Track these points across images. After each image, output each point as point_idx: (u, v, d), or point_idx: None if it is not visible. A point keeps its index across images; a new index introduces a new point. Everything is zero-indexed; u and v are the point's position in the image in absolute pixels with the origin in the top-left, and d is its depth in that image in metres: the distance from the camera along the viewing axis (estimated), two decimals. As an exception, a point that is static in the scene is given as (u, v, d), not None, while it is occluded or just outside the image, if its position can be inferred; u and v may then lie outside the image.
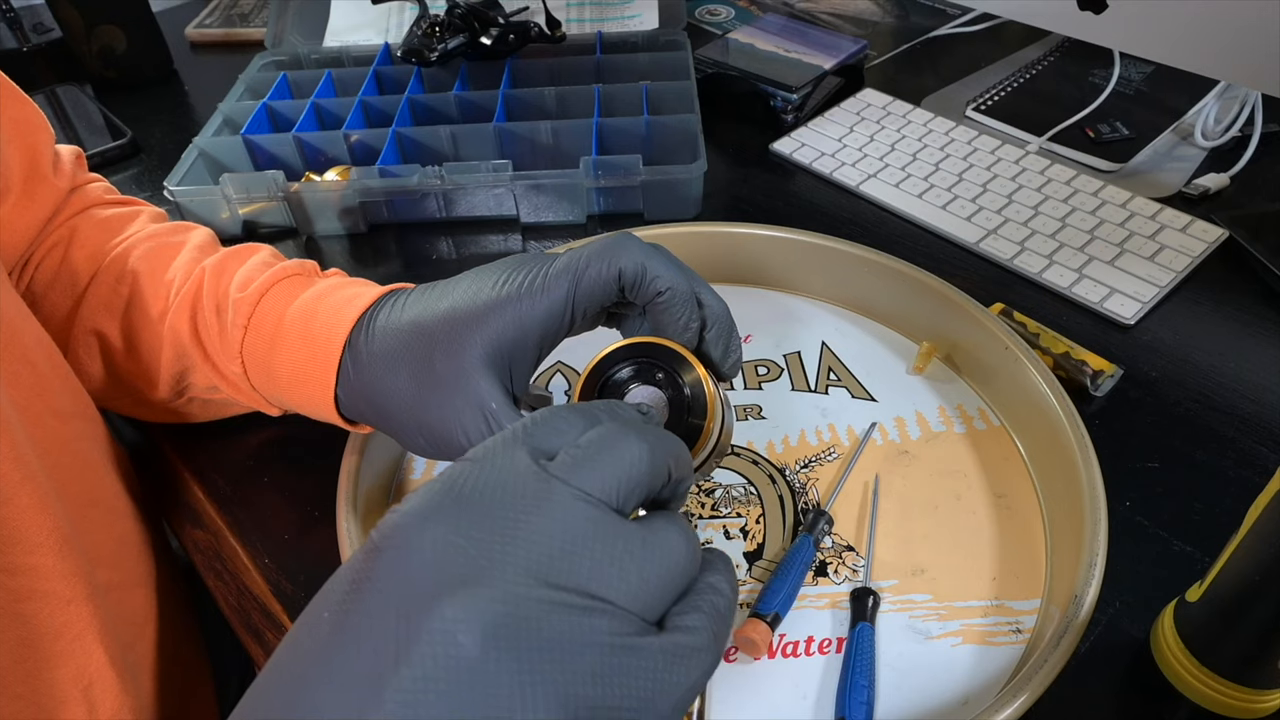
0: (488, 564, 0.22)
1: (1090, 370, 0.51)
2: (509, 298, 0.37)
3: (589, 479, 0.24)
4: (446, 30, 0.75)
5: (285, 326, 0.41)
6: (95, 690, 0.37)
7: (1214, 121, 0.70)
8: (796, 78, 0.75)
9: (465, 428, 0.36)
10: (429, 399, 0.37)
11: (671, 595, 0.24)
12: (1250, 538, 0.33)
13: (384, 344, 0.39)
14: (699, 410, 0.35)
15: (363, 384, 0.39)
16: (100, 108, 0.83)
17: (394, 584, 0.22)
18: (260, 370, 0.42)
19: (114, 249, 0.48)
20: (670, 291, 0.37)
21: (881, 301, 0.56)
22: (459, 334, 0.37)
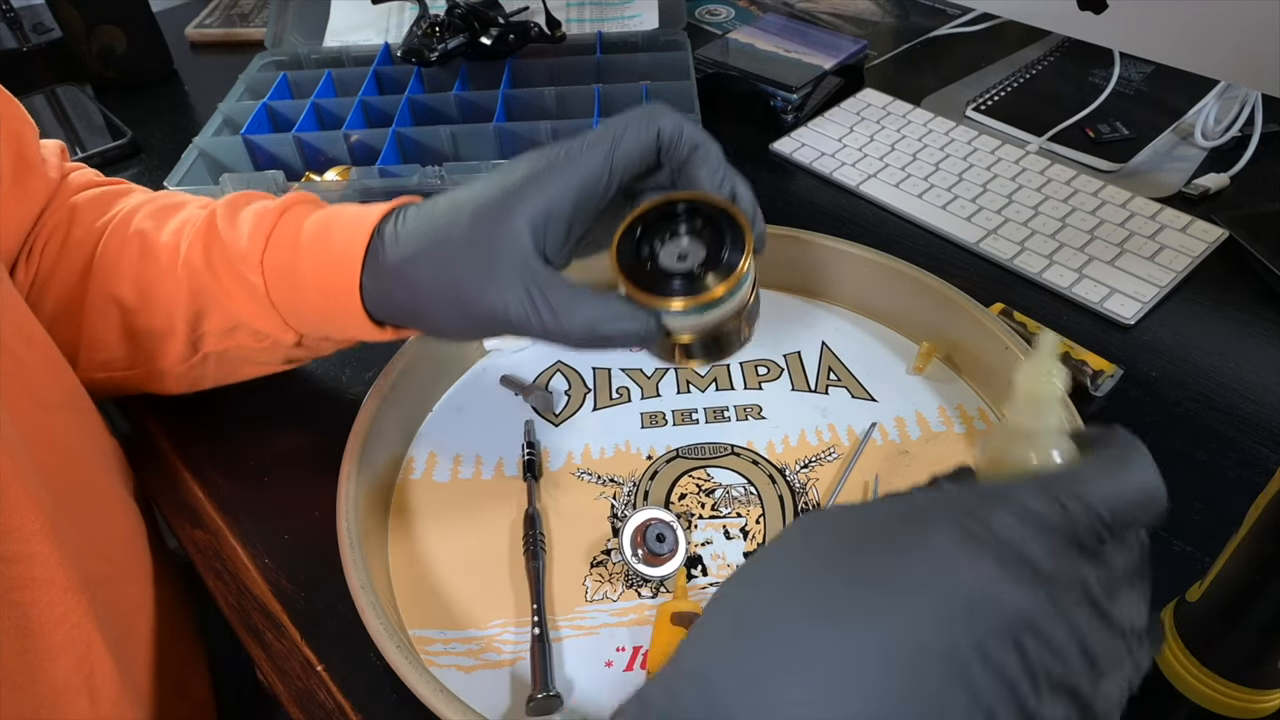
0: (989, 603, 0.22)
1: (1090, 370, 0.51)
2: (545, 168, 0.37)
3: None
4: (446, 30, 0.75)
5: (308, 230, 0.42)
6: (96, 680, 0.37)
7: (1214, 121, 0.70)
8: (796, 78, 0.75)
9: (504, 297, 0.36)
10: (466, 270, 0.37)
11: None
12: (1250, 538, 0.33)
13: (417, 226, 0.39)
14: (739, 247, 0.36)
15: (392, 268, 0.39)
16: (100, 108, 0.83)
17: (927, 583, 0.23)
18: (282, 280, 0.42)
19: (115, 217, 0.48)
20: (704, 148, 0.38)
21: (881, 301, 0.56)
22: (496, 208, 0.37)
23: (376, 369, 0.49)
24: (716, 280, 0.35)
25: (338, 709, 0.40)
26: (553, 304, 0.37)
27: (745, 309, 0.38)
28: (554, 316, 0.37)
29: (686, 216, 0.37)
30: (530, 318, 0.37)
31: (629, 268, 0.36)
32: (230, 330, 0.45)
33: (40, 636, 0.34)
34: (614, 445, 0.50)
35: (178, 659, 0.47)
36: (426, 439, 0.51)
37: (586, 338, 0.37)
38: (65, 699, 0.35)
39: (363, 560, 0.40)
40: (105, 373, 0.48)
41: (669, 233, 0.37)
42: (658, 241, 0.37)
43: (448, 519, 0.47)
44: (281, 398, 0.54)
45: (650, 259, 0.36)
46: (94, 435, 0.45)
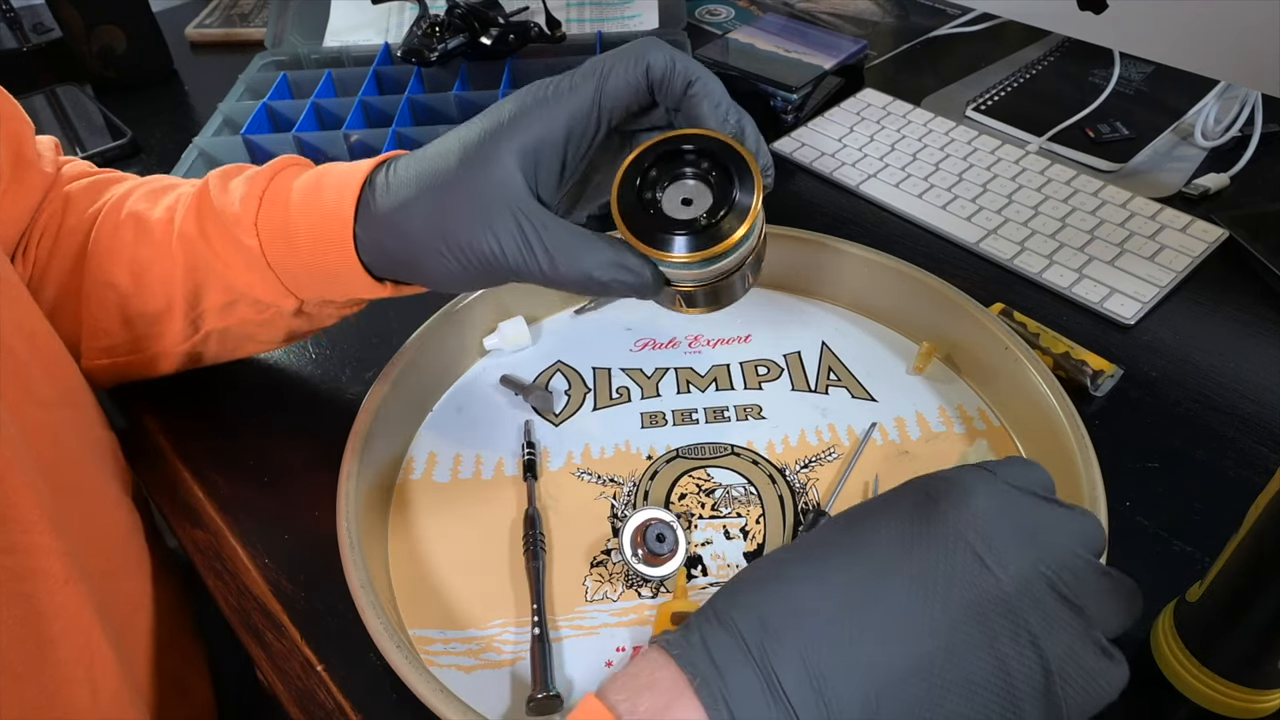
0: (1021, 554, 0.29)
1: (1090, 370, 0.51)
2: (532, 103, 0.37)
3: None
4: (446, 30, 0.75)
5: (299, 188, 0.42)
6: (96, 671, 0.37)
7: (1214, 121, 0.70)
8: (796, 78, 0.75)
9: (495, 231, 0.36)
10: (456, 208, 0.36)
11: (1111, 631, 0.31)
12: (1250, 538, 0.33)
13: (406, 173, 0.39)
14: (747, 190, 0.34)
15: (384, 217, 0.38)
16: (100, 108, 0.83)
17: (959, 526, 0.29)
18: (277, 240, 0.42)
19: (107, 203, 0.48)
20: (702, 82, 0.36)
21: (881, 301, 0.56)
22: (484, 143, 0.36)
23: (376, 369, 0.49)
24: (722, 232, 0.33)
25: (338, 709, 0.40)
26: (549, 245, 0.36)
27: (751, 256, 0.36)
28: (550, 259, 0.36)
29: (690, 157, 0.35)
30: (525, 259, 0.36)
31: (630, 213, 0.35)
32: (230, 305, 0.45)
33: (40, 627, 0.34)
34: (614, 445, 0.50)
35: (177, 657, 0.47)
36: (426, 439, 0.51)
37: (583, 284, 0.36)
38: (66, 689, 0.35)
39: (363, 560, 0.40)
40: (109, 359, 0.48)
41: (672, 175, 0.35)
42: (660, 185, 0.35)
43: (448, 519, 0.47)
44: (282, 398, 0.54)
45: (653, 204, 0.35)
46: (89, 432, 0.45)
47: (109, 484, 0.45)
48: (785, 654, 0.27)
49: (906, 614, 0.28)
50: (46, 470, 0.37)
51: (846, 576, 0.29)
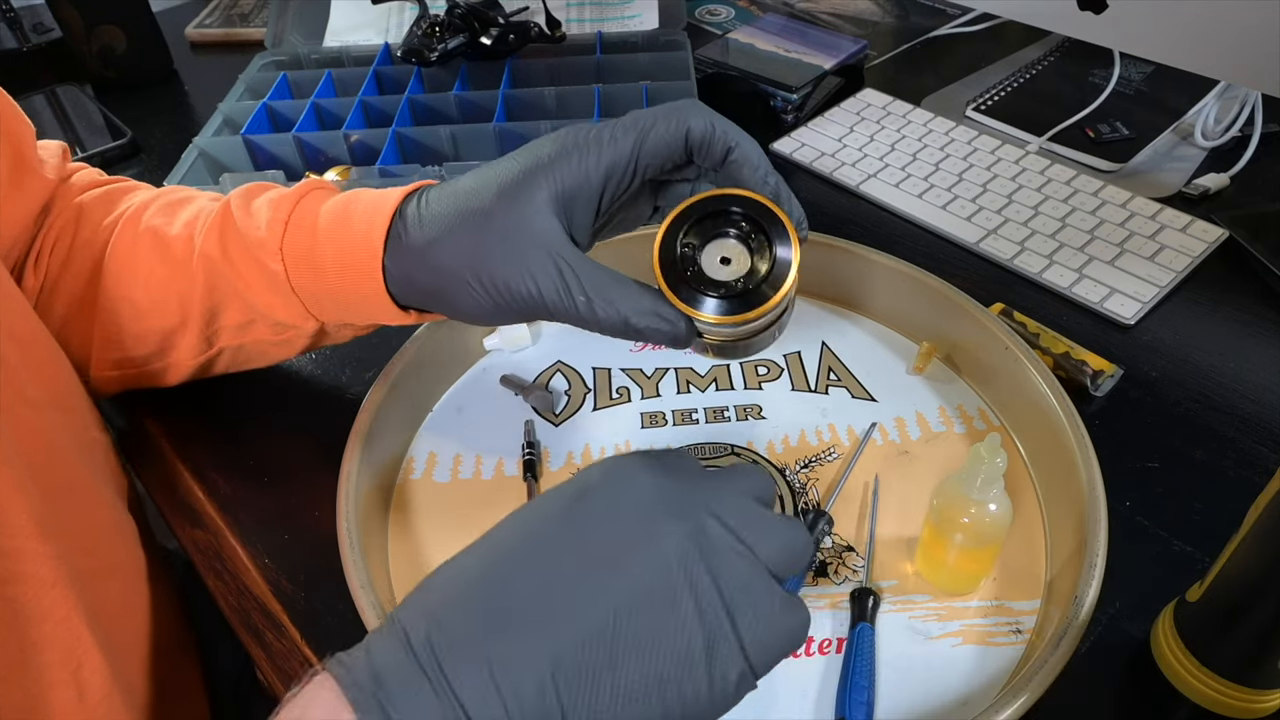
0: (687, 504, 0.30)
1: (1090, 370, 0.51)
2: (572, 148, 0.37)
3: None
4: (446, 30, 0.75)
5: (326, 214, 0.42)
6: (84, 673, 0.37)
7: (1214, 121, 0.70)
8: (796, 78, 0.75)
9: (533, 272, 0.36)
10: (493, 247, 0.37)
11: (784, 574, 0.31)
12: (1250, 538, 0.33)
13: (440, 206, 0.39)
14: (785, 256, 0.35)
15: (416, 249, 0.39)
16: (100, 108, 0.83)
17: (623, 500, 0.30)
18: (302, 265, 0.42)
19: (123, 215, 0.48)
20: (742, 148, 0.37)
21: (881, 301, 0.56)
22: (522, 184, 0.37)
23: (376, 369, 0.49)
24: (758, 298, 0.35)
25: (338, 709, 0.40)
26: (587, 289, 0.36)
27: (781, 316, 0.38)
28: (588, 303, 0.36)
29: (731, 217, 0.36)
30: (564, 301, 0.36)
31: (669, 268, 0.36)
32: (247, 324, 0.45)
33: (27, 630, 0.34)
34: (614, 445, 0.50)
35: (169, 657, 0.47)
36: (426, 439, 0.51)
37: (618, 328, 0.37)
38: (53, 691, 0.35)
39: (363, 560, 0.40)
40: (118, 370, 0.48)
41: (712, 233, 0.36)
42: (700, 242, 0.36)
43: (448, 519, 0.47)
44: (282, 398, 0.54)
45: (692, 261, 0.36)
46: (82, 435, 0.44)
47: (100, 486, 0.45)
48: (454, 649, 0.27)
49: (575, 585, 0.28)
50: (36, 472, 0.37)
51: (512, 561, 0.29)
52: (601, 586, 0.28)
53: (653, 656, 0.27)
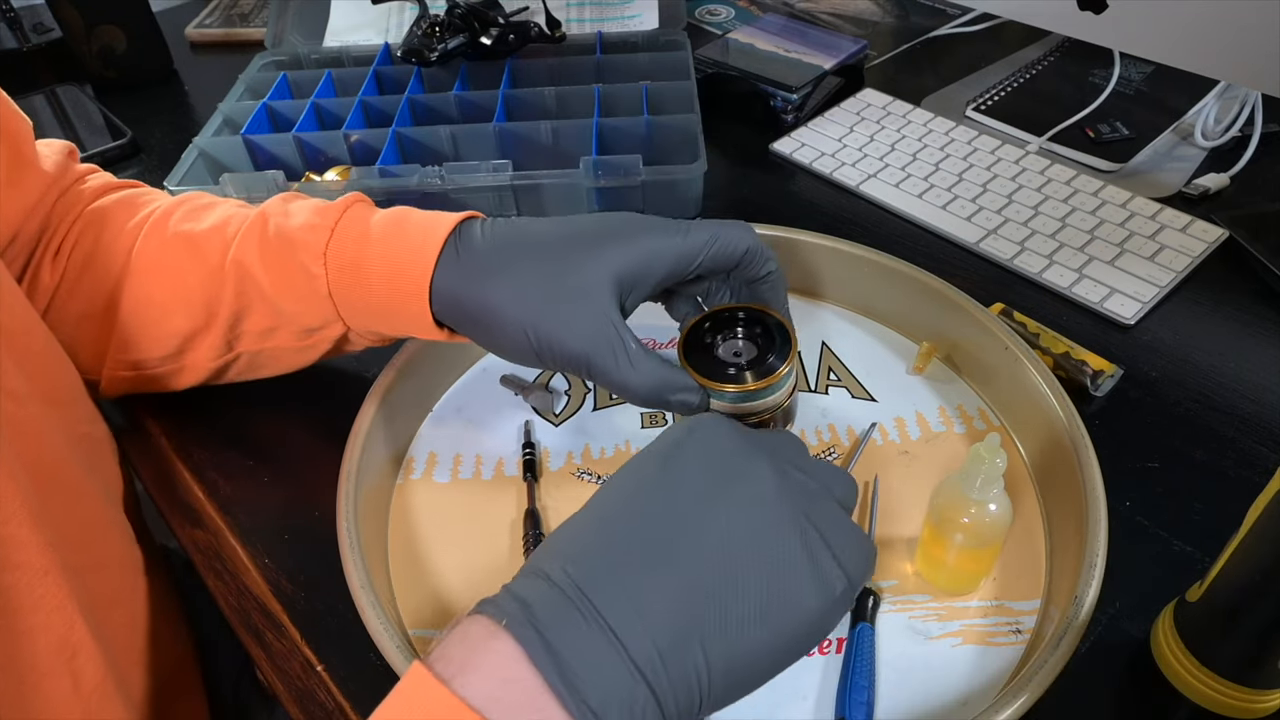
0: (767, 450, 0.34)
1: (1090, 370, 0.51)
2: (650, 229, 0.40)
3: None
4: (446, 30, 0.75)
5: (379, 223, 0.43)
6: (79, 662, 0.37)
7: (1214, 121, 0.70)
8: (796, 78, 0.75)
9: (591, 337, 0.39)
10: (555, 305, 0.39)
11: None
12: (1250, 538, 0.33)
13: (504, 240, 0.41)
14: (784, 356, 0.41)
15: (473, 273, 0.40)
16: (100, 108, 0.83)
17: (712, 448, 0.34)
18: (347, 270, 0.43)
19: (150, 218, 0.48)
20: (778, 274, 0.43)
21: (881, 301, 0.56)
22: (596, 249, 0.40)
23: (377, 369, 0.49)
24: (757, 378, 0.41)
25: (338, 709, 0.40)
26: (632, 359, 0.39)
27: (781, 407, 0.43)
28: (632, 371, 0.39)
29: (746, 323, 0.43)
30: (611, 368, 0.39)
31: (691, 352, 0.42)
32: (271, 330, 0.46)
33: (19, 618, 0.34)
34: (614, 445, 0.50)
35: (165, 653, 0.47)
36: (426, 439, 0.51)
37: (649, 397, 0.40)
38: (47, 680, 0.35)
39: (363, 560, 0.40)
40: (133, 371, 0.48)
41: (731, 333, 0.43)
42: (719, 337, 0.43)
43: (448, 519, 0.47)
44: (282, 398, 0.54)
45: (710, 349, 0.42)
46: (76, 429, 0.44)
47: (94, 480, 0.45)
48: (596, 582, 0.29)
49: (688, 521, 0.31)
50: (27, 464, 0.37)
51: (628, 510, 0.32)
52: (711, 520, 0.31)
53: (769, 576, 0.30)
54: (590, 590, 0.29)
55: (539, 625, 0.28)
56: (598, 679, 0.28)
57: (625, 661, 0.28)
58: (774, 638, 0.30)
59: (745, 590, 0.30)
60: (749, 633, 0.30)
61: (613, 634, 0.28)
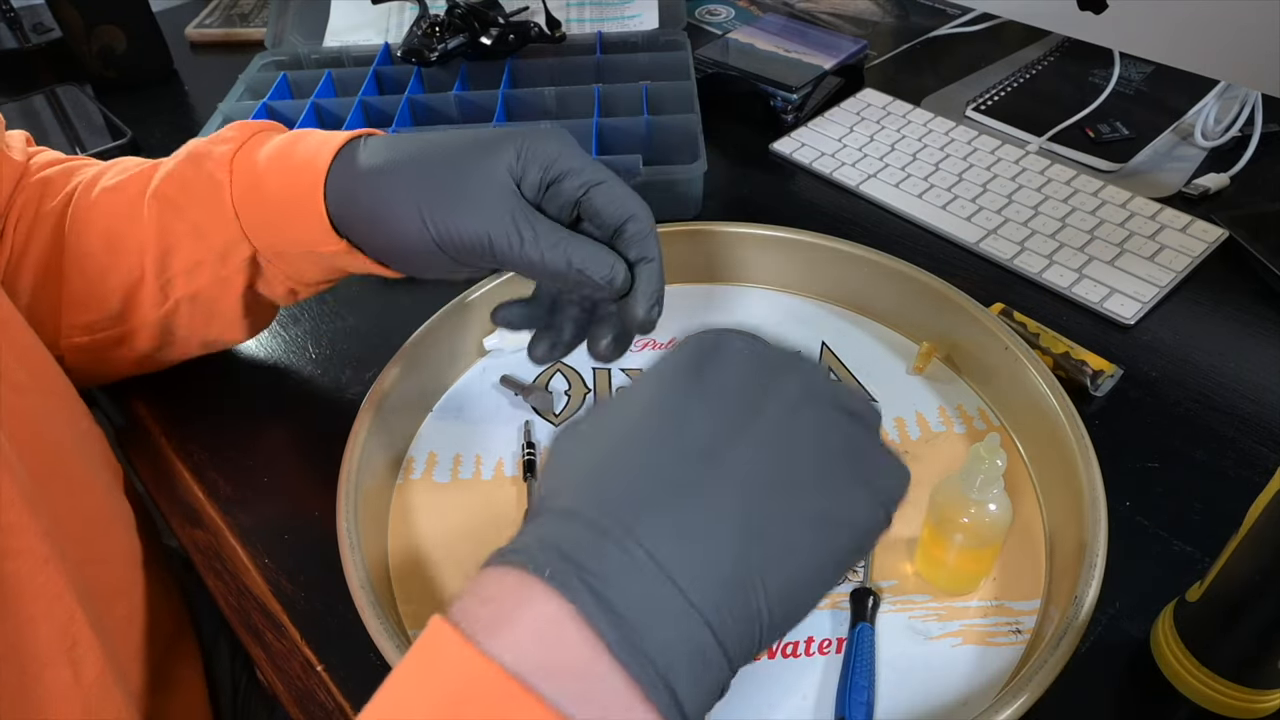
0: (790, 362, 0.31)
1: (1090, 370, 0.51)
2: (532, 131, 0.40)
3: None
4: (446, 30, 0.75)
5: (280, 139, 0.44)
6: (79, 651, 0.37)
7: (1214, 121, 0.70)
8: (796, 78, 0.75)
9: (485, 213, 0.38)
10: (448, 187, 0.39)
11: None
12: (1250, 538, 0.33)
13: (396, 141, 0.42)
14: None
15: (365, 168, 0.41)
16: (100, 108, 0.83)
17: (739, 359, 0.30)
18: (246, 176, 0.44)
19: (81, 181, 0.49)
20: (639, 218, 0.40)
21: (881, 301, 0.56)
22: (487, 139, 0.40)
23: (377, 369, 0.49)
24: None
25: (338, 709, 0.40)
26: (538, 232, 0.38)
27: None
28: (537, 245, 0.38)
29: None
30: (515, 245, 0.38)
31: None
32: (195, 267, 0.46)
33: (20, 606, 0.34)
34: (614, 445, 0.50)
35: (165, 647, 0.47)
36: (426, 439, 0.51)
37: (563, 273, 0.39)
38: (48, 668, 0.35)
39: (363, 560, 0.40)
40: (88, 335, 0.49)
41: None
42: None
43: (448, 519, 0.47)
44: (281, 398, 0.54)
45: None
46: (71, 422, 0.45)
47: (94, 472, 0.45)
48: (633, 511, 0.26)
49: (726, 436, 0.28)
50: (24, 453, 0.37)
51: (654, 427, 0.28)
52: (761, 437, 0.28)
53: (823, 498, 0.28)
54: (636, 527, 0.25)
55: (585, 574, 0.24)
56: (660, 633, 0.24)
57: (688, 608, 0.24)
58: (826, 562, 0.28)
59: (800, 514, 0.27)
60: (803, 559, 0.27)
61: (669, 578, 0.24)
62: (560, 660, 0.23)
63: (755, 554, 0.26)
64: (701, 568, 0.25)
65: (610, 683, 0.23)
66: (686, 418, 0.28)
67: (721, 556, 0.25)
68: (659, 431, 0.28)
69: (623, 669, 0.23)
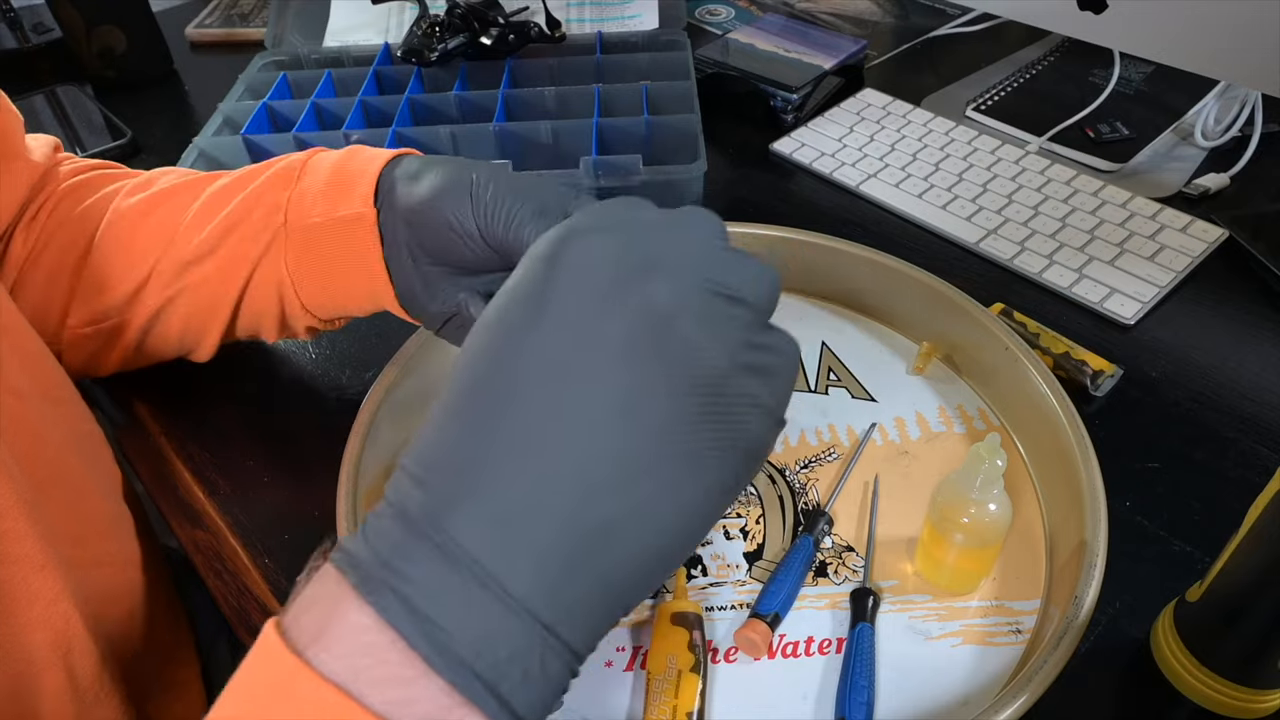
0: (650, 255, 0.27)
1: (1090, 370, 0.51)
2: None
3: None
4: (446, 30, 0.75)
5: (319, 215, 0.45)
6: (74, 656, 0.37)
7: (1214, 121, 0.70)
8: (796, 78, 0.75)
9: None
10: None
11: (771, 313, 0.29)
12: (1250, 538, 0.33)
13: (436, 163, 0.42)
14: None
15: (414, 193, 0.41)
16: (100, 108, 0.83)
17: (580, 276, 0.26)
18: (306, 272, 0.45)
19: (128, 184, 0.50)
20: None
21: (881, 301, 0.56)
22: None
23: (376, 369, 0.49)
24: None
25: (338, 709, 0.40)
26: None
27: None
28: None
29: None
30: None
31: None
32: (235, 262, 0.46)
33: (15, 611, 0.34)
34: (614, 445, 0.50)
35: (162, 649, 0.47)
36: (426, 439, 0.51)
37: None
38: (44, 673, 0.36)
39: (363, 560, 0.40)
40: (93, 326, 0.49)
41: None
42: None
43: (448, 519, 0.47)
44: (282, 398, 0.54)
45: None
46: (74, 427, 0.45)
47: (94, 477, 0.45)
48: (454, 515, 0.24)
49: (559, 402, 0.24)
50: (22, 460, 0.37)
51: (483, 404, 0.25)
52: (594, 366, 0.25)
53: (679, 418, 0.25)
54: (452, 515, 0.23)
55: (395, 580, 0.23)
56: (477, 635, 0.23)
57: (508, 603, 0.23)
58: (699, 497, 0.25)
59: (661, 451, 0.24)
60: (668, 502, 0.24)
61: (486, 573, 0.23)
62: (380, 671, 0.23)
63: (598, 512, 0.24)
64: (525, 551, 0.23)
65: (430, 691, 0.22)
66: (518, 358, 0.25)
67: (550, 531, 0.23)
68: (488, 383, 0.25)
69: (439, 677, 0.22)
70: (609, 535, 0.24)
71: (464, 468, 0.24)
